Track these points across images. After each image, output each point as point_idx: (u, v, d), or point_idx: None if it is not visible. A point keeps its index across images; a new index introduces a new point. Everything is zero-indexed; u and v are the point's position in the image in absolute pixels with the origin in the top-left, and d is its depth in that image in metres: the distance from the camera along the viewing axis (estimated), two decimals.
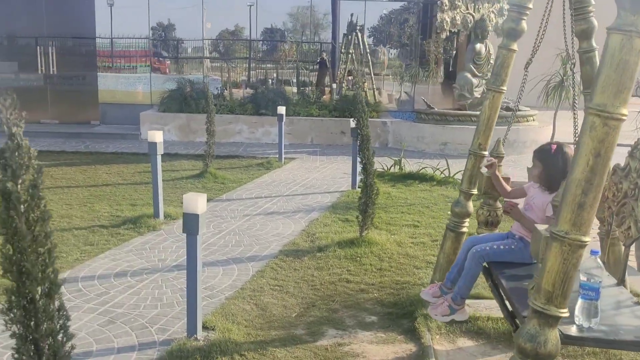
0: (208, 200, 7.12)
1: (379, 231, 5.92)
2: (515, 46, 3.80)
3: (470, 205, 4.10)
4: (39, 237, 1.57)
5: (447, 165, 8.85)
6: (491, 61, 12.10)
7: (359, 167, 5.69)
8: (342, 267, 5.06)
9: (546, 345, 2.07)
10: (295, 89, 15.12)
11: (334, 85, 15.50)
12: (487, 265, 3.48)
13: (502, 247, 3.30)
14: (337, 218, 6.51)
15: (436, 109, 11.66)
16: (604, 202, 3.26)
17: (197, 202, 3.48)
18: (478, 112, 11.47)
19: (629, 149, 3.01)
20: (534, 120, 11.83)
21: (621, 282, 3.01)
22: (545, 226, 2.39)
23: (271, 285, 4.62)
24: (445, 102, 12.98)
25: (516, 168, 10.10)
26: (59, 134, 12.17)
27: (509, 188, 3.80)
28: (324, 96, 13.72)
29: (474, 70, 11.83)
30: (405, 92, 14.50)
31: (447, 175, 8.74)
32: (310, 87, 14.53)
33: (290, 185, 8.20)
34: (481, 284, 4.67)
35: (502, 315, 3.99)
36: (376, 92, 15.92)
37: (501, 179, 3.82)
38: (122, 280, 4.61)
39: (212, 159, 8.54)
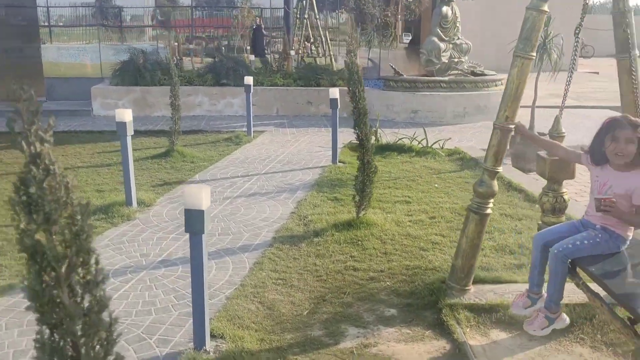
0: (180, 183, 6.57)
1: (373, 210, 5.54)
2: (546, 7, 3.42)
3: (496, 185, 3.75)
4: (95, 320, 1.06)
5: (425, 135, 8.52)
6: (458, 25, 11.80)
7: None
8: (344, 253, 4.66)
9: None
10: (252, 57, 14.45)
11: (292, 52, 14.90)
12: (570, 263, 3.12)
13: (585, 242, 2.94)
14: (325, 197, 6.08)
15: (405, 76, 11.29)
16: None
17: (200, 195, 2.99)
18: (447, 78, 11.26)
19: None
20: (502, 84, 11.62)
21: None
22: None
23: (273, 279, 4.18)
24: (411, 69, 12.62)
25: (489, 134, 9.88)
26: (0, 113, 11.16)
27: (558, 144, 3.43)
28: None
29: (441, 34, 11.48)
30: (370, 59, 14.05)
31: (425, 145, 8.42)
32: (271, 55, 13.89)
33: (266, 162, 7.69)
34: (497, 264, 4.39)
35: None
36: (332, 59, 15.43)
37: (540, 137, 3.48)
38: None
39: (178, 135, 7.92)
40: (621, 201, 2.85)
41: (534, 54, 3.50)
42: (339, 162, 7.59)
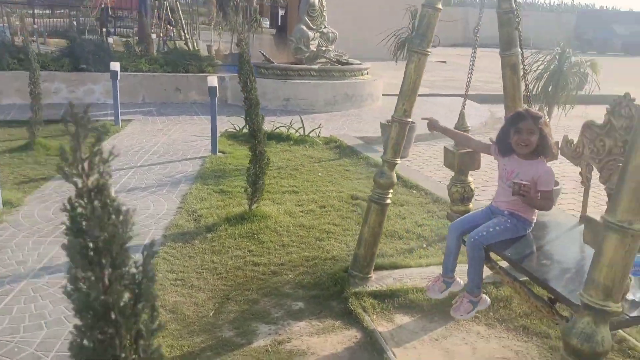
0: (48, 179, 6.04)
1: (264, 202, 5.49)
2: (440, 4, 3.58)
3: (394, 176, 3.89)
4: None
5: (302, 123, 8.60)
6: (324, 13, 12.00)
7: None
8: (241, 247, 4.58)
9: (604, 343, 1.93)
10: (111, 40, 13.60)
11: (154, 36, 14.24)
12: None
13: (497, 228, 3.13)
14: (211, 190, 5.91)
15: (276, 63, 11.27)
16: (578, 158, 3.25)
17: None
18: (317, 67, 11.43)
19: (608, 106, 2.98)
20: (367, 73, 12.06)
21: None
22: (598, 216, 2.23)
23: (171, 280, 4.00)
24: (280, 56, 12.62)
25: (360, 122, 10.24)
26: None
27: (469, 136, 3.63)
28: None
29: (309, 23, 11.62)
30: (238, 45, 13.81)
31: (302, 133, 8.50)
32: (133, 38, 13.14)
33: (141, 154, 7.29)
34: (390, 250, 4.56)
35: (423, 285, 3.92)
36: (194, 43, 15.00)
37: (452, 129, 3.65)
38: None
39: (40, 126, 7.23)
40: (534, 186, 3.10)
41: (430, 50, 3.65)
42: (219, 152, 7.40)
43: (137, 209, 5.28)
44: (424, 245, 4.76)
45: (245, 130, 8.60)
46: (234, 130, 8.59)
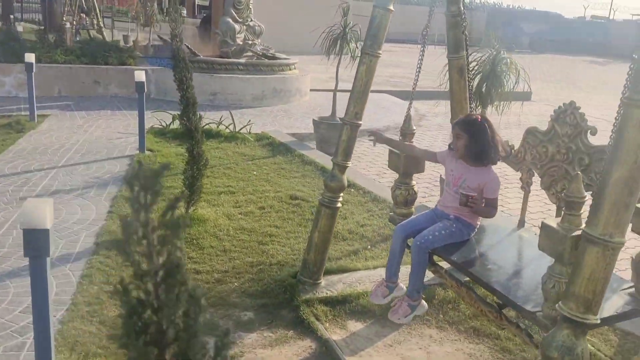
0: None
1: (200, 203, 5.26)
2: (392, 6, 3.52)
3: (345, 179, 3.80)
4: None
5: (232, 119, 8.36)
6: (250, 6, 11.76)
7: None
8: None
9: (583, 356, 1.94)
10: (20, 28, 12.71)
11: (68, 25, 13.44)
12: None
13: (443, 232, 3.10)
14: None
15: (202, 57, 10.92)
16: (519, 163, 3.27)
17: (44, 211, 2.50)
18: (244, 61, 11.19)
19: (552, 113, 3.02)
20: (295, 68, 11.95)
21: None
22: (555, 221, 2.22)
23: (107, 292, 3.73)
24: (205, 49, 12.26)
25: (290, 118, 10.13)
26: None
27: (413, 146, 3.59)
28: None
29: (235, 15, 11.35)
30: (160, 36, 13.29)
31: (233, 130, 8.27)
32: (42, 27, 12.32)
33: (62, 152, 6.82)
34: (335, 252, 4.49)
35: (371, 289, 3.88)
36: (111, 33, 14.31)
37: (396, 140, 3.61)
38: None
39: None
40: (472, 193, 3.10)
41: (381, 51, 3.58)
42: (147, 150, 7.06)
43: (64, 215, 4.91)
44: (369, 247, 4.72)
45: (173, 127, 8.29)
46: (161, 127, 8.23)
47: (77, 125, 8.29)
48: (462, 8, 3.67)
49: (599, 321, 1.94)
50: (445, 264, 3.33)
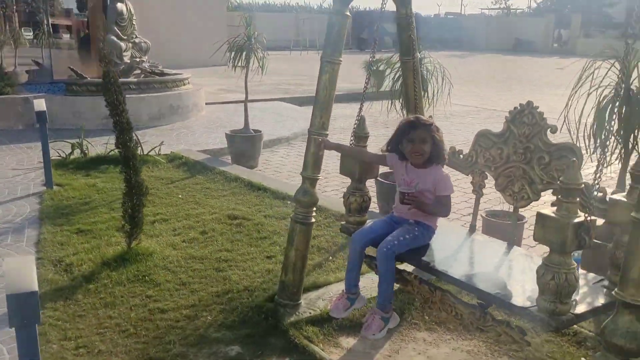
0: None
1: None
2: (347, 11, 3.44)
3: (316, 193, 3.66)
4: None
5: (139, 142, 7.82)
6: (134, 22, 11.17)
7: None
8: (136, 294, 3.98)
9: None
10: None
11: None
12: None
13: (407, 236, 2.98)
14: (67, 231, 5.07)
15: (89, 79, 10.17)
16: (470, 167, 3.29)
17: (29, 271, 2.14)
18: (136, 79, 10.61)
19: (507, 115, 3.07)
20: (189, 83, 11.53)
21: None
22: (551, 211, 2.23)
23: (71, 350, 3.31)
24: (88, 71, 11.42)
25: (194, 135, 9.75)
26: None
27: (363, 150, 3.44)
28: None
29: (119, 32, 10.72)
30: (35, 60, 12.22)
31: (141, 153, 7.77)
32: None
33: None
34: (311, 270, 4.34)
35: None
36: None
37: (345, 146, 3.48)
38: None
39: None
40: (428, 195, 3.04)
41: (342, 58, 3.50)
42: (55, 185, 6.42)
43: None
44: (330, 258, 4.62)
45: (74, 156, 7.66)
46: (60, 158, 7.55)
47: None
48: (412, 11, 3.68)
49: None
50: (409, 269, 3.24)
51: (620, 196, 2.50)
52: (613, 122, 4.07)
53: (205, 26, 20.79)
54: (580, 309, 2.36)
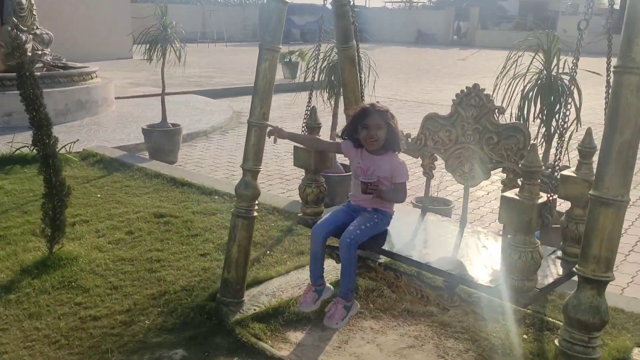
0: None
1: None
2: None
3: (258, 185, 3.55)
4: None
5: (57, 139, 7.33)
6: (34, 12, 10.45)
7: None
8: (64, 302, 3.70)
9: (607, 310, 2.05)
10: None
11: None
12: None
13: (368, 224, 2.96)
14: None
15: None
16: (419, 150, 3.31)
17: None
18: (39, 74, 9.89)
19: (454, 98, 3.10)
20: (97, 76, 10.95)
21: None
22: (513, 193, 2.29)
23: None
24: None
25: (106, 131, 9.26)
26: None
27: (317, 138, 3.36)
28: None
29: (19, 24, 9.97)
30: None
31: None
32: None
33: None
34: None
35: (298, 294, 3.74)
36: None
37: (299, 134, 3.38)
38: None
39: None
40: (384, 182, 3.05)
41: (281, 46, 3.40)
42: None
43: None
44: (267, 252, 4.52)
45: None
46: None
47: None
48: None
49: (614, 277, 2.07)
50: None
51: (569, 172, 2.60)
52: (537, 106, 4.27)
53: (109, 18, 19.87)
54: (542, 282, 2.44)
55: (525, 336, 3.37)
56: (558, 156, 2.46)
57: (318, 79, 5.81)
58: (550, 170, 2.55)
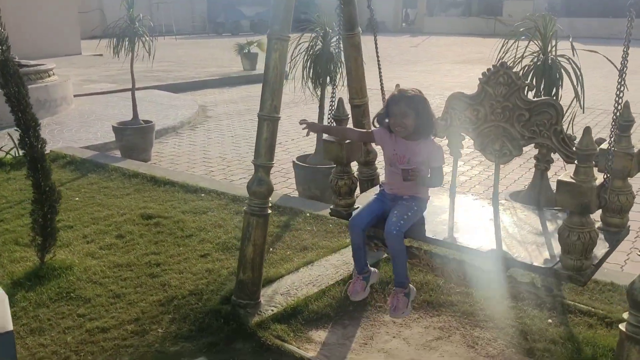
0: None
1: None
2: None
3: (271, 181, 3.40)
4: None
5: (14, 142, 6.94)
6: None
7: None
8: (66, 315, 3.48)
9: None
10: None
11: None
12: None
13: (409, 213, 2.92)
14: None
15: None
16: (446, 130, 3.23)
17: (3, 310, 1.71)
18: None
19: (480, 76, 3.03)
20: (54, 74, 10.46)
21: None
22: (568, 176, 2.25)
23: None
24: None
25: (70, 131, 8.87)
26: None
27: (350, 128, 3.30)
28: None
29: None
30: None
31: (16, 155, 6.89)
32: None
33: None
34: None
35: (314, 291, 3.63)
36: None
37: (333, 126, 3.28)
38: None
39: None
40: (421, 167, 3.00)
41: (290, 35, 3.25)
42: None
43: None
44: (271, 250, 4.37)
45: None
46: None
47: None
48: None
49: None
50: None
51: (605, 145, 2.58)
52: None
53: (55, 13, 19.03)
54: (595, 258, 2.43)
55: (550, 320, 3.36)
56: (612, 137, 2.42)
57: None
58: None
